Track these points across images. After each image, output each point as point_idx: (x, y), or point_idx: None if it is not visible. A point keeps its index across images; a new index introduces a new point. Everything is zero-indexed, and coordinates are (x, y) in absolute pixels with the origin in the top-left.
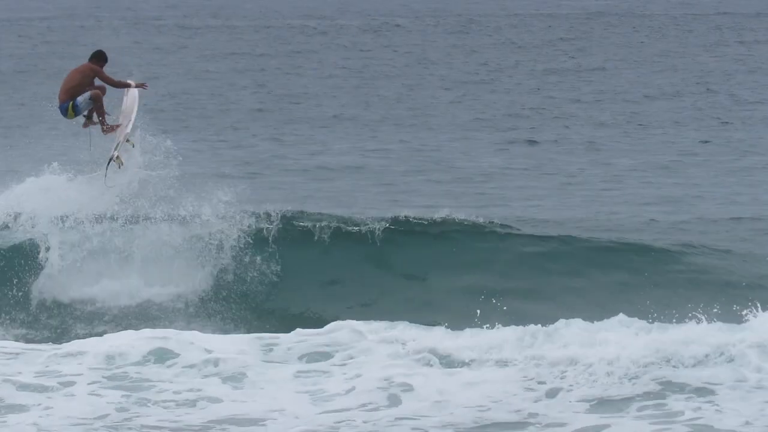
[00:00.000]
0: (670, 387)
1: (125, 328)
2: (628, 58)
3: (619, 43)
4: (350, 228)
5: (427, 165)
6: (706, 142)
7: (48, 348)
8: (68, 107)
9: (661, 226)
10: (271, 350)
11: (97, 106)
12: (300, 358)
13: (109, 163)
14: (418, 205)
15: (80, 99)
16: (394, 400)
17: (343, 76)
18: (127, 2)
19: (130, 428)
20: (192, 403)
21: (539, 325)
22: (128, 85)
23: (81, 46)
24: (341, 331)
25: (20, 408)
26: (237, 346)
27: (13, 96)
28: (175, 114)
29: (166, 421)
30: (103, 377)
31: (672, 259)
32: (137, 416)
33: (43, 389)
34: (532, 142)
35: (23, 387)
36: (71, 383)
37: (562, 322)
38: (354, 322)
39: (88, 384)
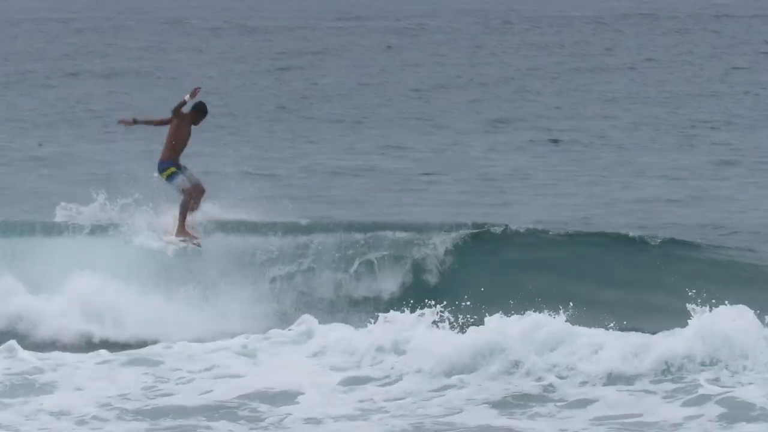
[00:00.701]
0: (689, 365)
1: None
2: (655, 58)
3: (645, 45)
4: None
5: (449, 165)
6: (728, 143)
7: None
8: (166, 169)
9: (680, 224)
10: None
11: (182, 203)
12: (309, 335)
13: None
14: (440, 206)
15: (180, 179)
16: (417, 374)
17: (366, 76)
18: (151, 3)
19: (157, 407)
20: (214, 380)
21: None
22: (183, 103)
23: (105, 46)
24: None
25: (51, 387)
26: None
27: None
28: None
29: (192, 398)
30: (121, 360)
31: (689, 255)
32: (163, 395)
33: (64, 372)
34: (555, 141)
35: (40, 370)
36: (87, 366)
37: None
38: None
39: (104, 365)
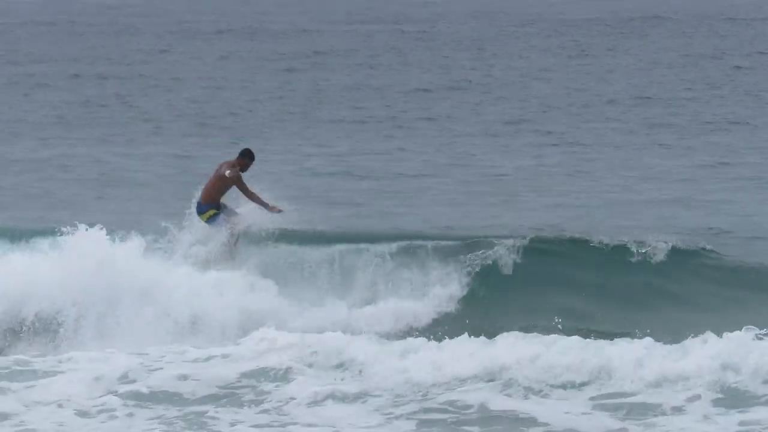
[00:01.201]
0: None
1: None
2: (659, 60)
3: (647, 46)
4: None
5: (452, 167)
6: (730, 145)
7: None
8: (206, 211)
9: (681, 226)
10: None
11: (226, 247)
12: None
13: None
14: (441, 207)
15: (222, 218)
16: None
17: (370, 78)
18: (159, 7)
19: (149, 387)
20: (207, 360)
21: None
22: (265, 205)
23: (109, 49)
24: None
25: (52, 373)
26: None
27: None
28: (195, 119)
29: (191, 376)
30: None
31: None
32: (161, 369)
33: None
34: (557, 145)
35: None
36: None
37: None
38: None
39: (96, 354)
